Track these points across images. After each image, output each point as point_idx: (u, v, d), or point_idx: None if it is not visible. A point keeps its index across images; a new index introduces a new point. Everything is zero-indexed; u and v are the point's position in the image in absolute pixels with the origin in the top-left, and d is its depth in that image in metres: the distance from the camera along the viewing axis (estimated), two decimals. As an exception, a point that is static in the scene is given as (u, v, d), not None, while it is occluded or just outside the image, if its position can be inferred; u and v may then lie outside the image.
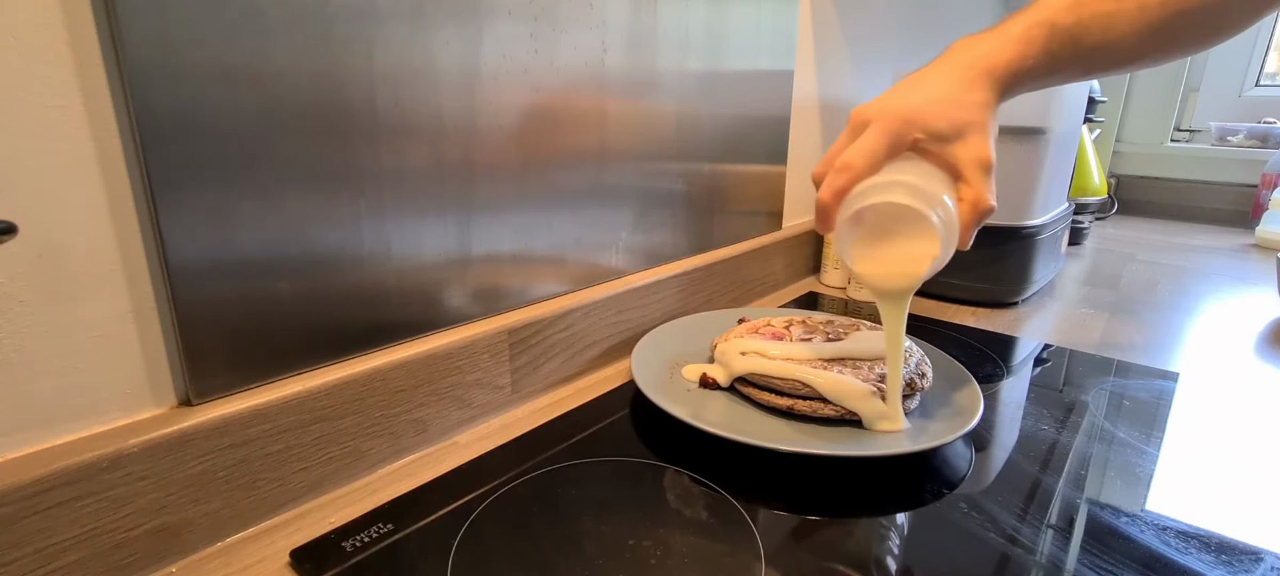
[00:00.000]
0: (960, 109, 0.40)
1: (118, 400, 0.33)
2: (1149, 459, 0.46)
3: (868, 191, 0.40)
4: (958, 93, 0.40)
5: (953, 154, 0.40)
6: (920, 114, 0.40)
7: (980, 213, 0.40)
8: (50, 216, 0.29)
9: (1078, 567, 0.35)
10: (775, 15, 0.73)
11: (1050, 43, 0.41)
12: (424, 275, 0.44)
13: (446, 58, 0.42)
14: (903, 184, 0.39)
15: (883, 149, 0.40)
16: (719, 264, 0.71)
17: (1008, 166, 0.76)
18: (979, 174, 0.40)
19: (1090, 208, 1.20)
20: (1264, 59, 1.51)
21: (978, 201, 0.40)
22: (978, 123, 0.40)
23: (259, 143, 0.35)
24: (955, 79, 0.41)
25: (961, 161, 0.40)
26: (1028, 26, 0.41)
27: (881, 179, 0.40)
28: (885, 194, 0.39)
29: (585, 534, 0.36)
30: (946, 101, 0.40)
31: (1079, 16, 0.41)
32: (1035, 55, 0.41)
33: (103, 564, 0.32)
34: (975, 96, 0.40)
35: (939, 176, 0.41)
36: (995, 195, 0.41)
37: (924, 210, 0.39)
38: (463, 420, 0.48)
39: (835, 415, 0.45)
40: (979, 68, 0.41)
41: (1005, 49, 0.41)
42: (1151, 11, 0.40)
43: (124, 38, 0.29)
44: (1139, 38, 0.41)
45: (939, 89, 0.41)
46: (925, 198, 0.39)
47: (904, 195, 0.39)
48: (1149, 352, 0.67)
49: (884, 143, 0.40)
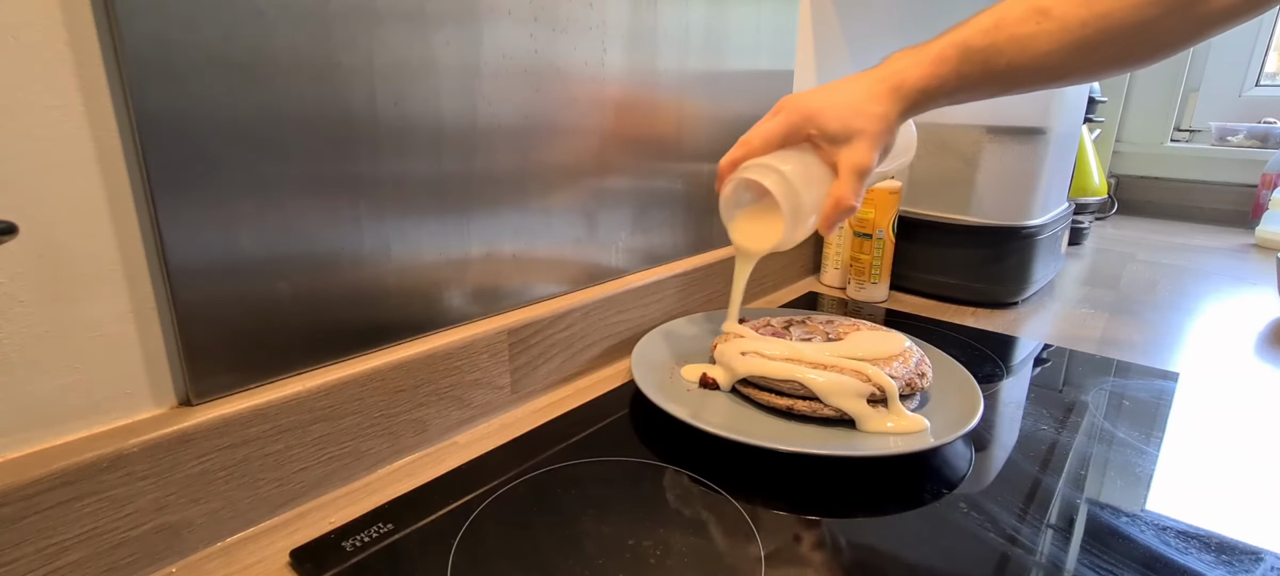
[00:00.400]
0: (857, 116, 0.45)
1: (118, 400, 0.33)
2: (1149, 459, 0.46)
3: (749, 167, 0.47)
4: (862, 102, 0.45)
5: (837, 154, 0.45)
6: (820, 113, 0.46)
7: (841, 209, 0.45)
8: (50, 216, 0.30)
9: (1078, 567, 0.35)
10: (775, 15, 0.73)
11: (962, 64, 0.44)
12: (423, 275, 0.44)
13: (446, 58, 0.42)
14: (776, 170, 0.46)
15: (778, 135, 0.47)
16: (719, 264, 0.71)
17: (1008, 166, 0.76)
18: (850, 175, 0.45)
19: (1090, 208, 1.20)
20: (1264, 59, 1.51)
21: (841, 199, 0.45)
22: (868, 132, 0.44)
23: (259, 143, 0.35)
24: (866, 89, 0.45)
25: (841, 162, 0.45)
26: (944, 46, 0.44)
27: (765, 160, 0.47)
28: (757, 173, 0.46)
29: (585, 534, 0.36)
30: (848, 107, 0.45)
31: (994, 39, 0.43)
32: (944, 75, 0.44)
33: (103, 563, 0.32)
34: (876, 108, 0.45)
35: (819, 171, 0.47)
36: (861, 199, 0.46)
37: (778, 195, 0.45)
38: (463, 420, 0.48)
39: (835, 415, 0.45)
40: (889, 83, 0.45)
41: (918, 67, 0.45)
42: (1074, 33, 0.41)
43: (124, 38, 0.29)
44: (1060, 57, 0.42)
45: (848, 95, 0.45)
46: (787, 186, 0.45)
47: (769, 179, 0.46)
48: (1149, 352, 0.67)
49: (781, 130, 0.47)
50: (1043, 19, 0.42)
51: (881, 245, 0.78)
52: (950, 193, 0.79)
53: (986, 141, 0.75)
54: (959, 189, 0.78)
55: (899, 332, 0.52)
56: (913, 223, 0.81)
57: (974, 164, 0.77)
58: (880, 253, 0.79)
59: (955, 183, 0.78)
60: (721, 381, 0.51)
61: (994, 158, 0.76)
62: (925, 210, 0.81)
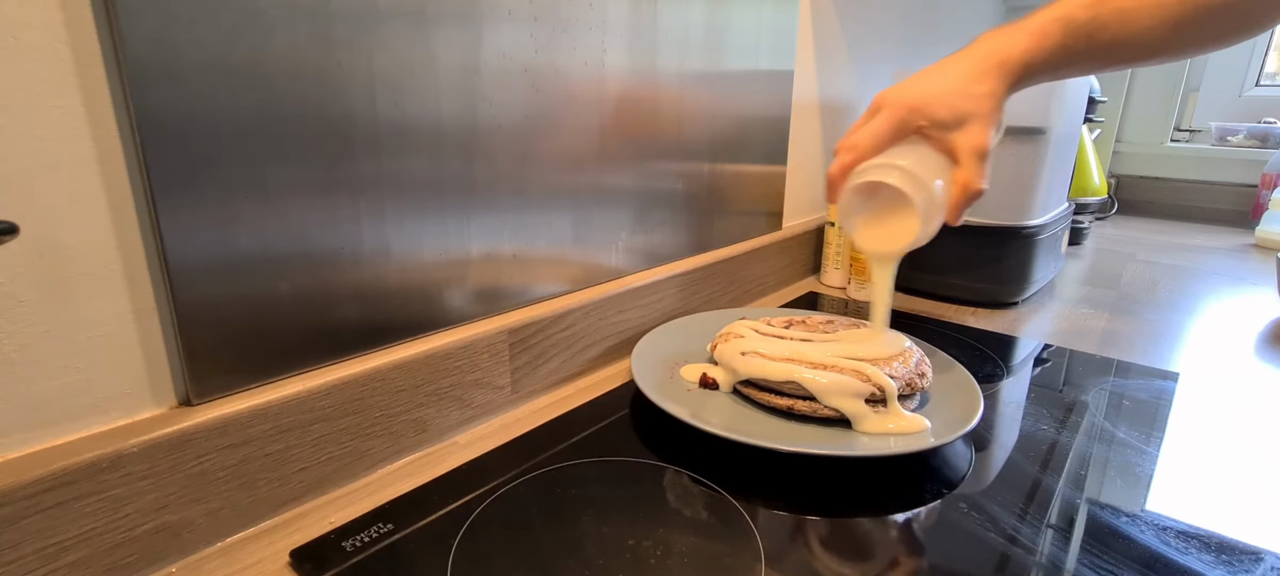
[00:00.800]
0: (965, 99, 0.43)
1: (118, 400, 0.33)
2: (1149, 459, 0.46)
3: (867, 170, 0.45)
4: (966, 84, 0.44)
5: (952, 140, 0.44)
6: (926, 103, 0.44)
7: (969, 194, 0.44)
8: (50, 216, 0.30)
9: (1078, 567, 0.35)
10: (775, 15, 0.73)
11: (1066, 37, 0.43)
12: (424, 275, 0.44)
13: (446, 58, 0.42)
14: (897, 167, 0.44)
15: (887, 132, 0.45)
16: (719, 264, 0.71)
17: (1008, 166, 0.76)
18: (972, 159, 0.44)
19: (1090, 208, 1.20)
20: (1264, 59, 1.51)
21: (968, 184, 0.44)
22: (980, 113, 0.43)
23: (259, 143, 0.35)
24: (967, 70, 0.44)
25: (958, 147, 0.44)
26: (1045, 21, 0.44)
27: (881, 160, 0.45)
28: (879, 174, 0.45)
29: (585, 534, 0.36)
30: (954, 92, 0.44)
31: (1097, 12, 0.43)
32: (1049, 49, 0.44)
33: (103, 563, 0.32)
34: (982, 88, 0.44)
35: (937, 160, 0.45)
36: (987, 180, 0.44)
37: (908, 191, 0.44)
38: (463, 420, 0.48)
39: (835, 415, 0.45)
40: (992, 60, 0.44)
41: (1020, 42, 0.44)
42: (1171, 8, 0.42)
43: (124, 38, 0.29)
44: (1158, 32, 0.42)
45: (950, 80, 0.44)
46: (914, 180, 0.44)
47: (894, 177, 0.44)
48: (1149, 352, 0.67)
49: (889, 127, 0.45)
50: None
51: (881, 245, 0.78)
52: (950, 193, 0.79)
53: (986, 141, 0.75)
54: (959, 189, 0.78)
55: (899, 333, 0.52)
56: (913, 223, 0.81)
57: (974, 164, 0.76)
58: (880, 253, 0.78)
59: (955, 183, 0.78)
60: (721, 381, 0.51)
61: (994, 158, 0.74)
62: (925, 210, 0.81)
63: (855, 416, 0.44)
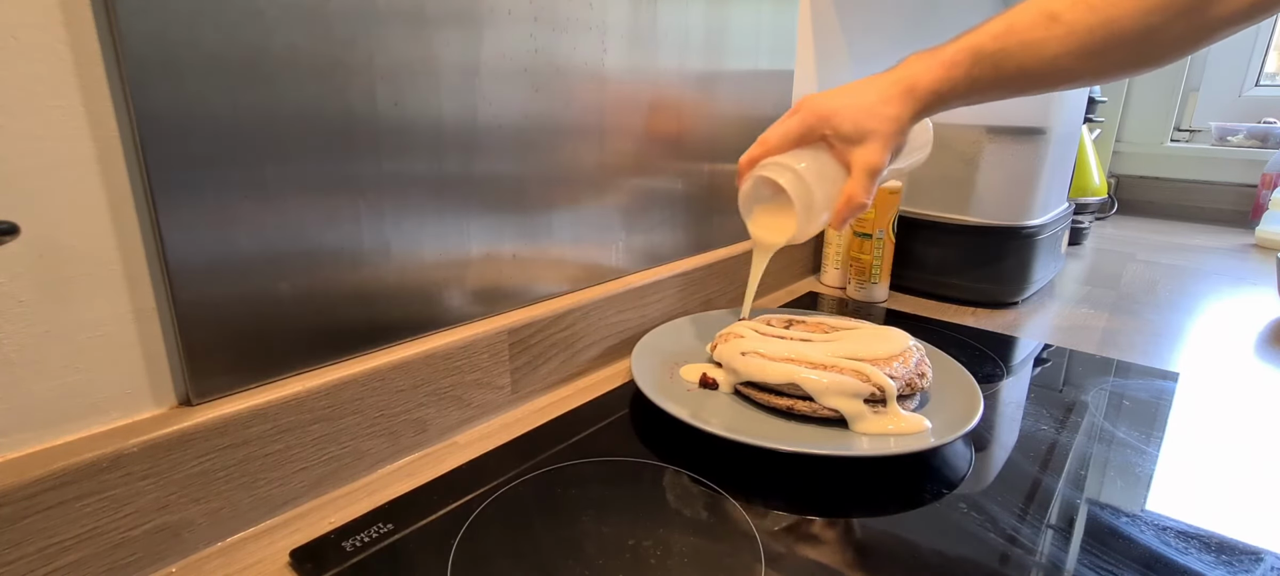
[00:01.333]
0: (870, 117, 0.46)
1: (118, 400, 0.33)
2: (1149, 459, 0.46)
3: (767, 165, 0.50)
4: (876, 104, 0.47)
5: (850, 153, 0.47)
6: (835, 114, 0.47)
7: (852, 206, 0.48)
8: (50, 216, 0.30)
9: (1078, 567, 0.35)
10: (775, 15, 0.73)
11: (973, 67, 0.46)
12: (424, 275, 0.44)
13: (447, 58, 0.42)
14: (791, 169, 0.48)
15: (794, 135, 0.49)
16: (719, 264, 0.71)
17: (1008, 166, 0.76)
18: (862, 174, 0.47)
19: (1090, 208, 1.20)
20: (1264, 59, 1.51)
21: (852, 196, 0.47)
22: (880, 133, 0.46)
23: (259, 143, 0.35)
24: (880, 91, 0.47)
25: (853, 161, 0.47)
26: (955, 51, 0.46)
27: (783, 159, 0.49)
28: (774, 172, 0.49)
29: (585, 534, 0.36)
30: (862, 109, 0.47)
31: (1005, 44, 0.44)
32: (956, 78, 0.46)
33: (103, 563, 0.32)
34: (888, 110, 0.46)
35: (832, 170, 0.49)
36: (871, 196, 0.48)
37: (791, 193, 0.48)
38: (462, 420, 0.48)
39: (835, 415, 0.45)
40: (902, 85, 0.47)
41: (930, 71, 0.46)
42: (1082, 38, 0.43)
43: (124, 37, 0.29)
44: (1069, 61, 0.44)
45: (863, 98, 0.47)
46: (801, 184, 0.48)
47: (785, 178, 0.48)
48: (1149, 352, 0.67)
49: (796, 130, 0.49)
50: (1052, 24, 0.43)
51: (881, 245, 0.78)
52: (950, 193, 0.79)
53: (986, 141, 0.75)
54: (959, 189, 0.78)
55: (901, 331, 0.52)
56: (913, 223, 0.81)
57: (974, 164, 0.77)
58: (880, 253, 0.79)
59: (955, 183, 0.78)
60: (721, 382, 0.51)
61: (994, 158, 0.76)
62: (925, 210, 0.81)
63: (855, 416, 0.44)
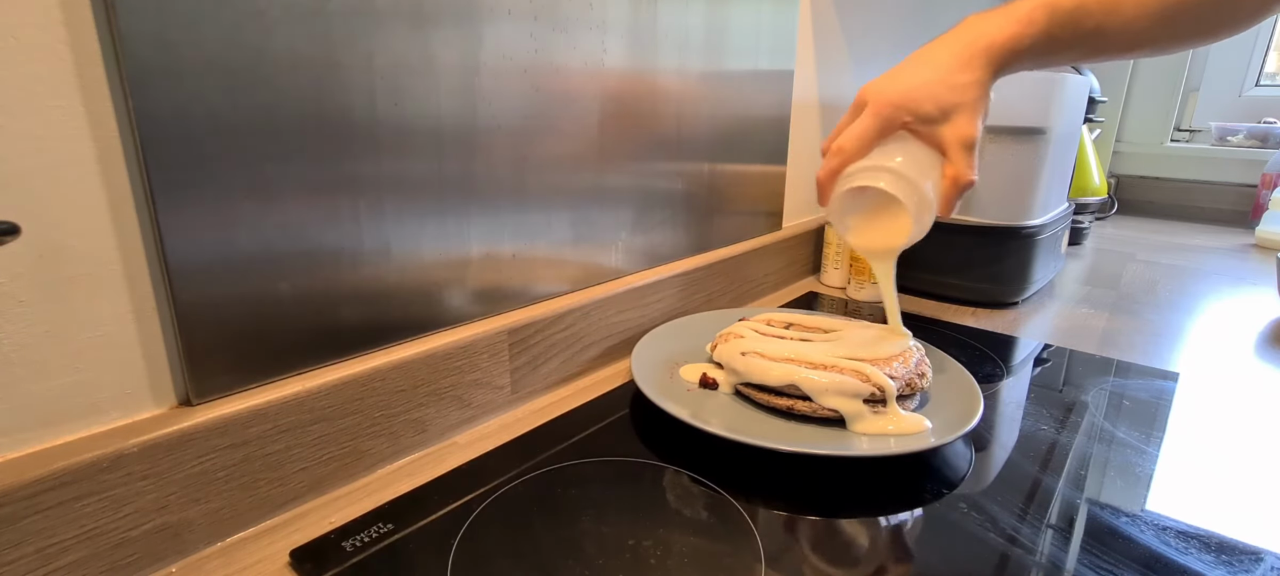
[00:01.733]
0: (950, 90, 0.43)
1: (118, 400, 0.33)
2: (1149, 459, 0.46)
3: (856, 174, 0.45)
4: (950, 73, 0.43)
5: (939, 134, 0.44)
6: (910, 98, 0.43)
7: (960, 187, 0.44)
8: (50, 216, 0.29)
9: (1078, 567, 0.35)
10: (775, 15, 0.73)
11: (1051, 25, 0.43)
12: (424, 275, 0.44)
13: (446, 57, 0.42)
14: (885, 170, 0.44)
15: (873, 133, 0.44)
16: (719, 264, 0.71)
17: (1008, 166, 0.76)
18: (961, 152, 0.43)
19: (1090, 208, 1.20)
20: (1264, 59, 1.51)
21: (958, 177, 0.43)
22: (965, 103, 0.43)
23: (259, 142, 0.35)
24: (951, 58, 0.43)
25: (946, 141, 0.43)
26: (1031, 7, 0.43)
27: (869, 163, 0.45)
28: (869, 178, 0.44)
29: (585, 534, 0.36)
30: (938, 83, 0.43)
31: (1082, 2, 0.42)
32: (1034, 35, 0.43)
33: (103, 563, 0.32)
34: (967, 77, 0.43)
35: (926, 155, 0.45)
36: (977, 170, 0.44)
37: (899, 194, 0.44)
38: (463, 420, 0.48)
39: (835, 415, 0.45)
40: (976, 46, 0.43)
41: (1005, 28, 0.43)
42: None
43: (124, 37, 0.29)
44: (1143, 23, 0.42)
45: (934, 70, 0.43)
46: (903, 182, 0.44)
47: (884, 181, 0.44)
48: (1149, 352, 0.67)
49: (875, 127, 0.44)
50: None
51: (881, 245, 0.78)
52: (950, 193, 0.79)
53: (986, 141, 0.75)
54: (959, 189, 0.78)
55: (904, 329, 0.52)
56: (913, 223, 0.81)
57: (974, 164, 0.77)
58: (880, 252, 0.78)
59: (955, 183, 0.78)
60: (721, 382, 0.51)
61: (994, 158, 0.76)
62: (925, 210, 0.81)
63: (855, 416, 0.44)
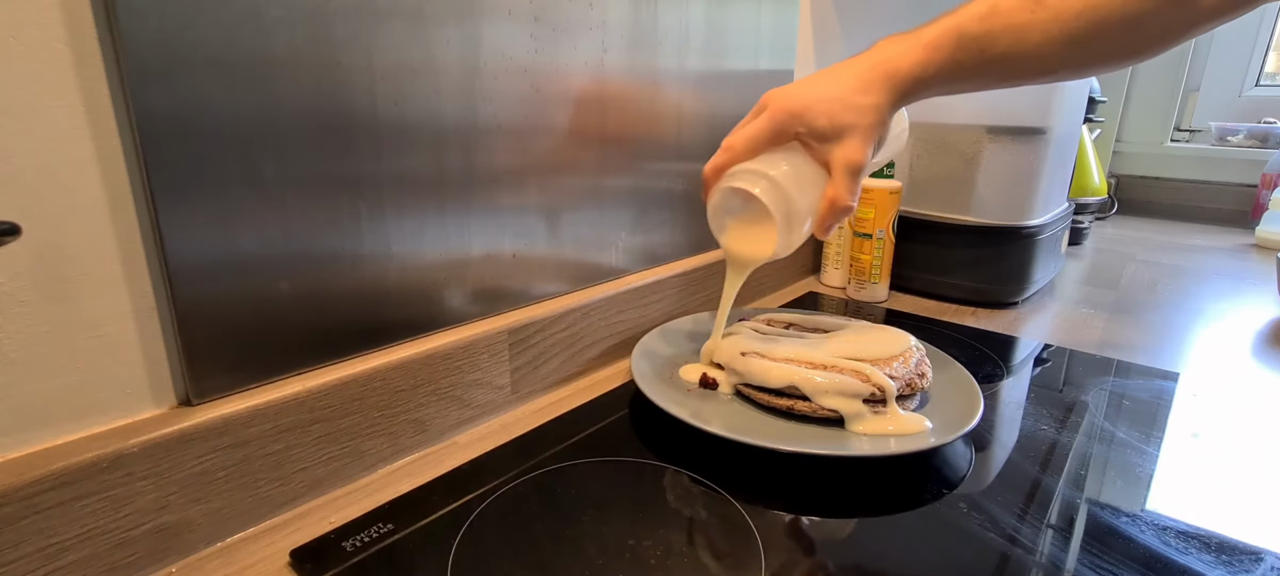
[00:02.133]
0: (847, 110, 0.42)
1: (118, 400, 0.33)
2: (1149, 459, 0.46)
3: (737, 175, 0.44)
4: (851, 94, 0.42)
5: (828, 152, 0.43)
6: (807, 111, 0.43)
7: (837, 211, 0.43)
8: (50, 216, 0.30)
9: (1078, 567, 0.35)
10: (775, 15, 0.73)
11: (957, 50, 0.42)
12: (424, 275, 0.44)
13: (446, 57, 0.42)
14: (765, 177, 0.43)
15: (765, 137, 0.44)
16: (719, 264, 0.71)
17: (1008, 166, 0.76)
18: (843, 175, 0.42)
19: (1090, 208, 1.20)
20: (1264, 59, 1.51)
21: (836, 200, 0.43)
22: (859, 126, 0.42)
23: (259, 142, 0.35)
24: (855, 79, 0.43)
25: (834, 161, 0.43)
26: (938, 33, 0.43)
27: (754, 166, 0.44)
28: (747, 182, 0.44)
29: (585, 534, 0.36)
30: (837, 101, 0.42)
31: (990, 27, 0.42)
32: (940, 62, 0.42)
33: (103, 563, 0.32)
34: (867, 100, 0.42)
35: (811, 172, 0.44)
36: (856, 197, 0.43)
37: (769, 205, 0.43)
38: (463, 420, 0.48)
39: (835, 415, 0.45)
40: (881, 71, 0.42)
41: (911, 53, 0.43)
42: (1067, 23, 0.41)
43: (124, 37, 0.29)
44: (1053, 48, 0.42)
45: (836, 88, 0.43)
46: (778, 193, 0.43)
47: (759, 187, 0.43)
48: (1149, 352, 0.67)
49: (767, 132, 0.44)
50: (1037, 8, 0.41)
51: (881, 245, 0.78)
52: (950, 193, 0.79)
53: (986, 141, 0.75)
54: (959, 189, 0.78)
55: (901, 331, 0.52)
56: (913, 223, 0.81)
57: (974, 164, 0.77)
58: (880, 253, 0.79)
59: (955, 183, 0.78)
60: (721, 382, 0.51)
61: (994, 158, 0.76)
62: (925, 210, 0.81)
63: (855, 416, 0.44)
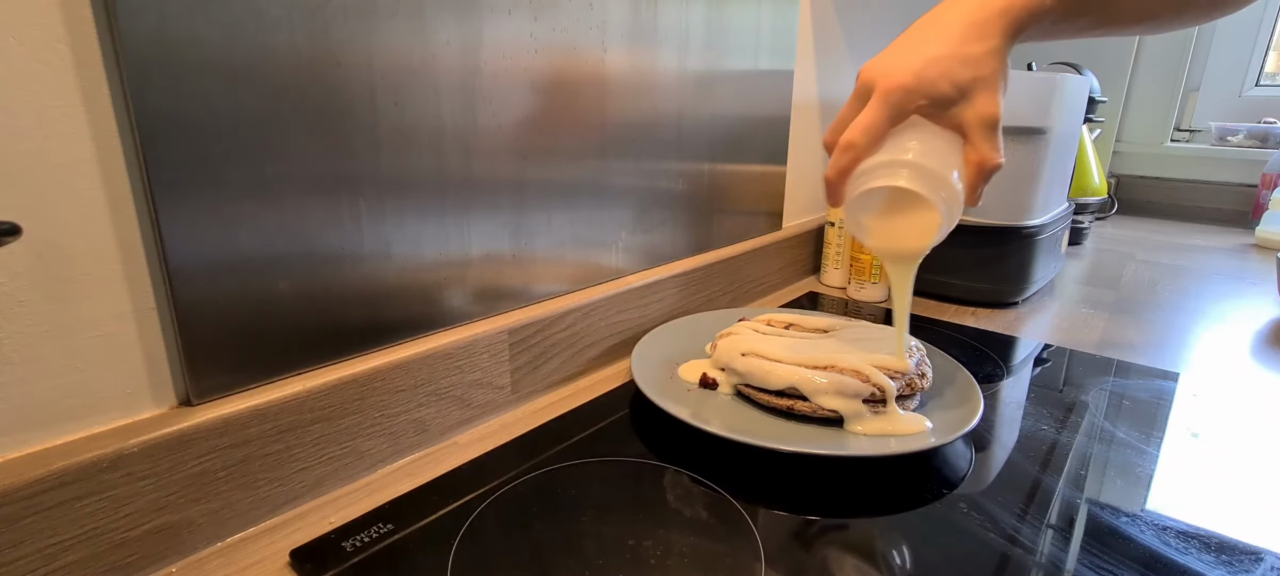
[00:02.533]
0: (965, 65, 0.38)
1: (118, 400, 0.33)
2: (1149, 459, 0.46)
3: (871, 172, 0.40)
4: (964, 45, 0.38)
5: (958, 116, 0.39)
6: (922, 80, 0.39)
7: (986, 172, 0.40)
8: (50, 216, 0.29)
9: (1078, 567, 0.35)
10: (775, 15, 0.73)
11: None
12: (424, 275, 0.44)
13: (446, 57, 0.42)
14: (904, 165, 0.39)
15: (883, 124, 0.39)
16: (719, 264, 0.71)
17: (1008, 166, 0.75)
18: (984, 134, 0.39)
19: (1090, 208, 1.20)
20: (1264, 59, 1.51)
21: (983, 162, 0.39)
22: (984, 77, 0.38)
23: (259, 142, 0.35)
24: (963, 26, 0.39)
25: (967, 123, 0.39)
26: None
27: (884, 158, 0.40)
28: (887, 177, 0.40)
29: (585, 534, 0.36)
30: (951, 58, 0.38)
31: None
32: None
33: (103, 563, 0.32)
34: (982, 46, 0.38)
35: (944, 141, 0.40)
36: (1003, 150, 0.40)
37: (924, 192, 0.39)
38: (463, 420, 0.48)
39: (835, 415, 0.45)
40: (991, 9, 0.39)
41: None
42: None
43: (124, 38, 0.29)
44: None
45: (944, 43, 0.39)
46: (926, 177, 0.39)
47: (904, 178, 0.39)
48: (1149, 352, 0.67)
49: (885, 117, 0.39)
50: None
51: (881, 245, 0.78)
52: (950, 193, 0.79)
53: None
54: (959, 189, 0.78)
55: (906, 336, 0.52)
56: (913, 222, 0.81)
57: (974, 164, 0.76)
58: (880, 252, 0.78)
59: (955, 183, 0.78)
60: (721, 382, 0.51)
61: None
62: (925, 210, 0.81)
63: (855, 416, 0.44)
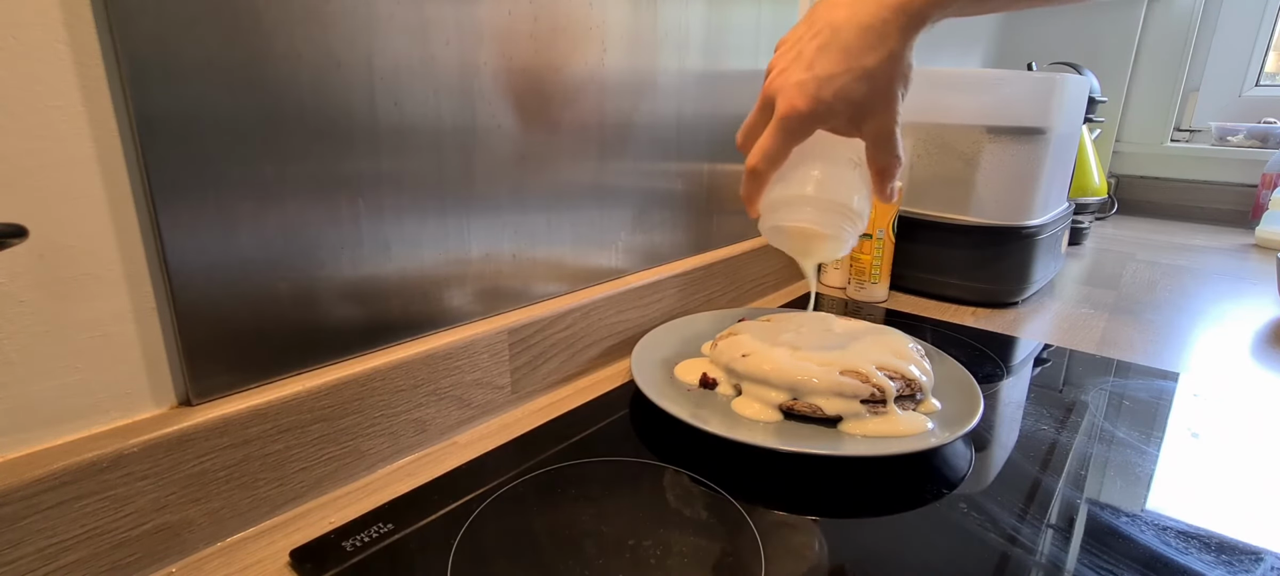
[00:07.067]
0: (860, 81, 0.38)
1: (118, 400, 0.33)
2: (1149, 459, 0.46)
3: (778, 209, 0.44)
4: (860, 57, 0.38)
5: (856, 130, 0.41)
6: (818, 103, 0.39)
7: (889, 176, 0.42)
8: (50, 216, 0.29)
9: (1078, 567, 0.35)
10: (775, 15, 0.73)
11: None
12: (423, 275, 0.44)
13: (446, 57, 0.42)
14: (807, 201, 0.44)
15: (783, 150, 0.41)
16: (719, 264, 0.71)
17: (1008, 166, 0.76)
18: (882, 145, 0.41)
19: (1090, 208, 1.20)
20: (1264, 59, 1.51)
21: (884, 170, 0.41)
22: (880, 90, 0.39)
23: (259, 142, 0.35)
24: (859, 30, 0.38)
25: (865, 135, 0.41)
26: None
27: (789, 193, 0.44)
28: (789, 221, 0.44)
29: (585, 534, 0.36)
30: (846, 75, 0.38)
31: None
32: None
33: (103, 563, 0.32)
34: (878, 55, 0.38)
35: (846, 150, 0.43)
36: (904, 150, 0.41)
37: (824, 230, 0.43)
38: (463, 420, 0.48)
39: (835, 415, 0.45)
40: (889, 6, 0.38)
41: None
42: None
43: (124, 38, 0.29)
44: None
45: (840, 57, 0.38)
46: (827, 210, 0.43)
47: (806, 216, 0.44)
48: (1149, 353, 0.67)
49: (784, 144, 0.41)
50: None
51: (881, 245, 0.78)
52: (950, 193, 0.79)
53: (986, 141, 0.75)
54: (959, 189, 0.78)
55: (901, 333, 0.52)
56: (913, 223, 0.81)
57: (974, 164, 0.77)
58: (880, 253, 0.79)
59: (955, 183, 0.78)
60: (721, 382, 0.51)
61: (994, 158, 0.76)
62: (925, 210, 0.81)
63: (854, 417, 0.44)
